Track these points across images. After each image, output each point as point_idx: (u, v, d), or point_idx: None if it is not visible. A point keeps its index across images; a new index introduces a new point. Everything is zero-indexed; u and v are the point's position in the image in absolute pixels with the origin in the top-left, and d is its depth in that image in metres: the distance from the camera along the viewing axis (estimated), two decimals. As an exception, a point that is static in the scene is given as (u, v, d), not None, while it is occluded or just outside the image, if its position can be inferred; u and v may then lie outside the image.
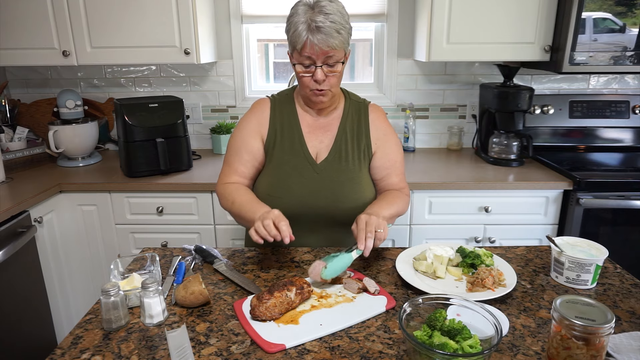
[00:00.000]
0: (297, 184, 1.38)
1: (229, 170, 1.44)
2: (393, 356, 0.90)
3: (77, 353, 0.92)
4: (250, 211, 1.28)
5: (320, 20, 1.23)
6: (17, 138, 2.34)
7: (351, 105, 1.47)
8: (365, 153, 1.44)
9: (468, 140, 2.64)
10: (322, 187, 1.39)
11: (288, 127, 1.43)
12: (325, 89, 1.32)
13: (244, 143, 1.43)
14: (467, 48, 2.18)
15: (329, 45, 1.24)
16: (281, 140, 1.42)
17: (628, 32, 2.04)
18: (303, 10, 1.26)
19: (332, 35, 1.24)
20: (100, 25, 2.17)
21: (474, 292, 1.09)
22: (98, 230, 2.14)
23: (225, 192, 1.40)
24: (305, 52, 1.27)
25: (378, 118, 1.48)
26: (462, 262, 1.21)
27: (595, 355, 0.80)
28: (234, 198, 1.35)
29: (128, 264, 1.26)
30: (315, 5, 1.26)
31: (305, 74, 1.31)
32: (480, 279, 1.11)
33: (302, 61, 1.29)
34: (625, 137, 2.49)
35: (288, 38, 1.31)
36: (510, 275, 1.15)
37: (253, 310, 0.99)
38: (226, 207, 1.40)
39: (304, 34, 1.24)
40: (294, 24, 1.26)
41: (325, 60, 1.28)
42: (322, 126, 1.44)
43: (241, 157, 1.43)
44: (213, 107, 2.63)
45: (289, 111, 1.44)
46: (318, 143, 1.43)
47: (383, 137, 1.47)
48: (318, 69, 1.29)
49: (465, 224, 2.11)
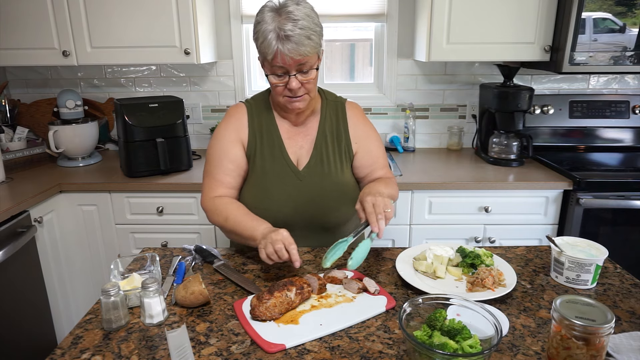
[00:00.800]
0: (282, 193, 1.35)
1: (214, 183, 1.37)
2: (393, 356, 0.90)
3: (77, 353, 0.92)
4: (249, 228, 1.23)
5: (289, 28, 1.17)
6: (17, 138, 2.34)
7: (328, 106, 1.43)
8: (346, 153, 1.42)
9: (468, 140, 2.64)
10: (307, 193, 1.36)
11: (267, 133, 1.38)
12: (300, 95, 1.28)
13: (225, 152, 1.37)
14: (467, 48, 2.18)
15: (300, 53, 1.19)
16: (261, 147, 1.37)
17: (628, 32, 2.04)
18: (270, 17, 1.19)
19: (303, 43, 1.18)
20: (100, 25, 2.17)
21: (474, 292, 1.09)
22: (98, 230, 2.14)
23: (215, 207, 1.33)
24: (276, 62, 1.21)
25: (356, 116, 1.45)
26: (462, 262, 1.20)
27: (595, 355, 0.80)
28: (227, 214, 1.29)
29: (128, 264, 1.26)
30: (282, 11, 1.19)
31: (279, 84, 1.26)
32: (480, 279, 1.11)
33: (274, 71, 1.24)
34: (625, 137, 2.49)
35: (257, 47, 1.24)
36: (510, 275, 1.15)
37: (253, 310, 0.99)
38: (218, 223, 1.33)
39: (274, 43, 1.18)
40: (262, 33, 1.20)
41: (299, 68, 1.23)
42: (300, 131, 1.41)
43: (225, 167, 1.36)
44: (213, 107, 2.63)
45: (266, 117, 1.40)
46: (298, 149, 1.40)
47: (362, 135, 1.44)
48: (292, 78, 1.24)
49: (465, 224, 2.11)
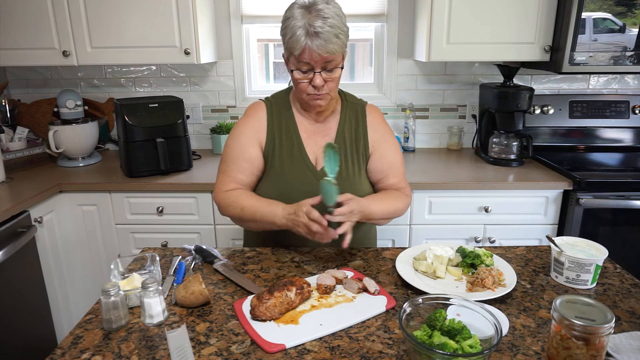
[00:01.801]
0: (299, 193, 1.34)
1: (227, 179, 1.39)
2: (393, 356, 0.90)
3: (77, 353, 0.92)
4: (267, 214, 1.26)
5: (318, 25, 1.19)
6: (17, 138, 2.34)
7: (348, 108, 1.44)
8: (363, 156, 1.43)
9: (468, 140, 2.64)
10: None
11: (286, 132, 1.39)
12: (323, 93, 1.30)
13: (242, 151, 1.38)
14: (467, 48, 2.18)
15: (328, 51, 1.21)
16: (280, 146, 1.38)
17: (628, 32, 2.04)
18: (300, 14, 1.22)
19: (332, 40, 1.21)
20: (100, 25, 2.17)
21: (473, 292, 1.09)
22: (98, 230, 2.14)
23: (228, 200, 1.35)
24: (303, 58, 1.23)
25: (376, 119, 1.46)
26: (462, 262, 1.20)
27: (595, 355, 0.80)
28: (242, 204, 1.32)
29: (128, 264, 1.26)
30: (312, 9, 1.22)
31: (303, 79, 1.27)
32: (480, 279, 1.11)
33: (299, 67, 1.26)
34: (625, 137, 2.49)
35: (284, 42, 1.27)
36: (510, 275, 1.15)
37: (253, 310, 0.99)
38: (233, 214, 1.35)
39: (303, 39, 1.20)
40: (290, 28, 1.22)
41: (324, 66, 1.25)
42: (320, 131, 1.42)
43: (239, 166, 1.38)
44: (213, 107, 2.63)
45: (286, 116, 1.40)
46: (317, 148, 1.40)
47: (380, 139, 1.44)
48: (317, 75, 1.25)
49: (465, 224, 2.11)
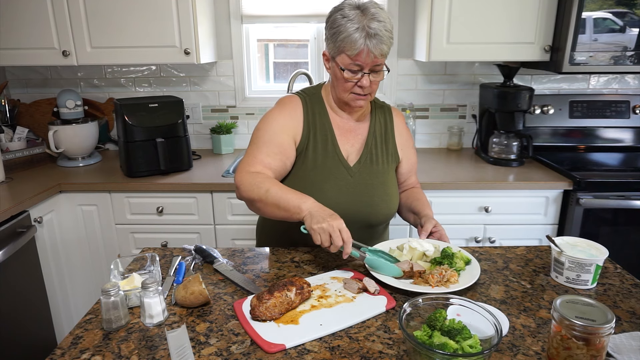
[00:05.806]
0: (332, 188, 1.34)
1: (254, 161, 1.31)
2: (393, 356, 0.90)
3: (77, 353, 0.92)
4: (294, 199, 1.19)
5: (376, 27, 1.21)
6: (17, 138, 2.34)
7: (377, 109, 1.47)
8: (393, 156, 1.45)
9: (468, 140, 2.64)
10: (357, 191, 1.37)
11: (321, 128, 1.38)
12: (367, 94, 1.32)
13: (274, 136, 1.34)
14: (467, 48, 2.18)
15: (382, 53, 1.24)
16: (314, 141, 1.37)
17: (628, 32, 2.04)
18: (355, 15, 1.22)
19: (387, 43, 1.23)
20: (100, 25, 2.17)
21: (416, 285, 1.13)
22: (98, 230, 2.14)
23: (255, 180, 1.26)
24: (359, 59, 1.24)
25: (401, 123, 1.50)
26: (433, 259, 1.22)
27: (595, 355, 0.80)
28: (269, 187, 1.23)
29: (128, 264, 1.26)
30: (366, 12, 1.22)
31: (352, 79, 1.28)
32: (427, 275, 1.14)
33: (351, 67, 1.26)
34: (625, 137, 2.49)
35: (334, 41, 1.26)
36: (466, 281, 1.12)
37: (253, 310, 0.99)
38: (254, 196, 1.24)
39: (361, 40, 1.21)
40: (344, 28, 1.22)
41: (373, 68, 1.27)
42: (352, 129, 1.42)
43: (269, 149, 1.32)
44: (213, 107, 2.63)
45: (320, 112, 1.40)
46: (349, 146, 1.41)
47: (406, 143, 1.50)
48: (365, 76, 1.27)
49: (465, 224, 2.11)
